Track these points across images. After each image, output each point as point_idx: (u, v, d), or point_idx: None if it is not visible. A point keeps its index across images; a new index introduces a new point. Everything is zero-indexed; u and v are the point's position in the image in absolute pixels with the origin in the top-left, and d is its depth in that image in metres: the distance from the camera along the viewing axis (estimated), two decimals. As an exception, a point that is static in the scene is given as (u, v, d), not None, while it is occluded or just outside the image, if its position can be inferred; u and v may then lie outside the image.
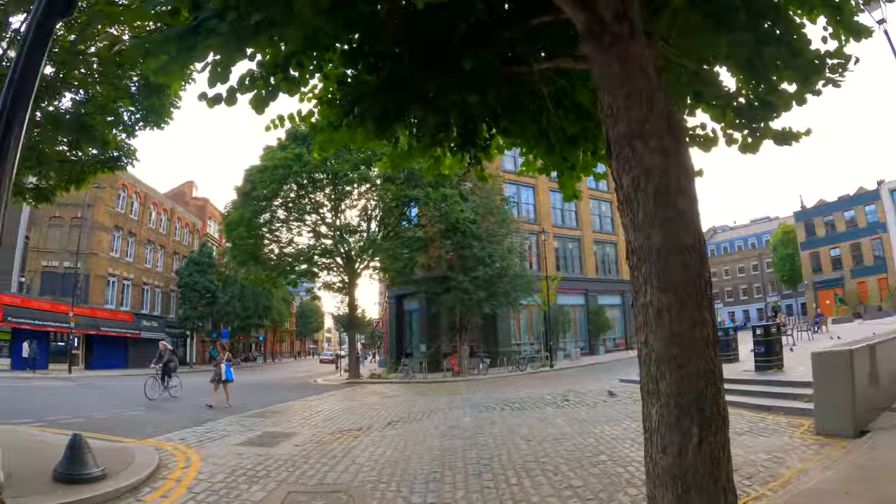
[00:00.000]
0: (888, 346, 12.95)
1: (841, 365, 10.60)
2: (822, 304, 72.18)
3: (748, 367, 19.13)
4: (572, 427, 14.17)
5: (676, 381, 4.00)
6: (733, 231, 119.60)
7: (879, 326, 35.37)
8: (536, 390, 24.46)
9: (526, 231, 48.08)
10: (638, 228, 4.20)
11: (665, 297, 4.02)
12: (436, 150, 6.80)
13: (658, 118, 4.26)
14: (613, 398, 19.50)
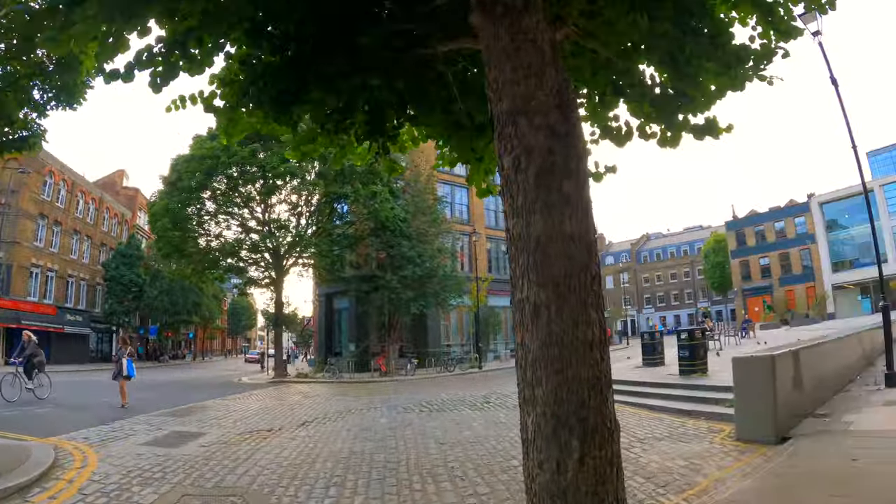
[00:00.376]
0: (812, 351, 12.84)
1: (762, 371, 10.37)
2: (751, 311, 74.49)
3: (673, 370, 19.08)
4: (488, 430, 13.83)
5: (554, 387, 3.58)
6: (666, 238, 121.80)
7: (805, 333, 36.12)
8: (460, 392, 24.17)
9: (458, 232, 48.07)
10: (517, 214, 3.77)
11: (543, 293, 3.62)
12: (342, 138, 6.28)
13: (547, 94, 3.86)
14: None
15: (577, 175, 3.81)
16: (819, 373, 12.78)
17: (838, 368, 14.37)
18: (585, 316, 3.62)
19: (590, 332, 3.61)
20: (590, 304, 3.66)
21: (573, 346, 3.56)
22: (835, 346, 14.85)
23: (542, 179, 3.71)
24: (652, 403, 15.35)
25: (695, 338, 18.43)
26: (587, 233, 3.77)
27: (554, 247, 3.63)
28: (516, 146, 3.81)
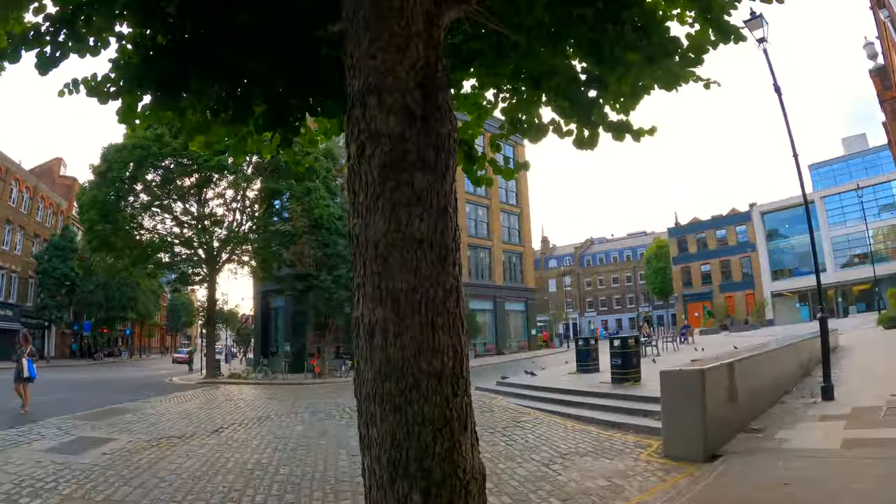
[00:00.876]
0: (748, 363, 12.33)
1: (691, 386, 9.88)
2: (691, 316, 75.42)
3: (607, 378, 18.54)
4: None
5: (392, 427, 2.93)
6: (610, 243, 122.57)
7: (743, 339, 37.16)
8: None
9: None
10: (357, 212, 3.14)
11: (381, 310, 2.97)
12: (240, 128, 5.66)
13: (408, 70, 3.24)
14: None
15: (436, 168, 3.19)
16: (754, 384, 12.32)
17: (774, 379, 13.93)
18: (433, 341, 2.99)
19: (438, 360, 2.99)
20: (440, 327, 3.03)
21: (415, 377, 2.93)
22: (771, 357, 14.39)
23: (388, 171, 3.10)
24: (580, 414, 14.84)
25: (628, 345, 18.01)
26: (442, 238, 3.17)
27: (396, 254, 3.02)
28: (363, 130, 3.21)
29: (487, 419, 15.32)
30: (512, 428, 13.95)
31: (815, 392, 13.46)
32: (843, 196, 67.11)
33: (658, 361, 24.34)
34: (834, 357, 19.70)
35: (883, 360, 18.16)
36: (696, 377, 9.89)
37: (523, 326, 64.69)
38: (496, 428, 14.03)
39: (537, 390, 19.37)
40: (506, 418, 15.47)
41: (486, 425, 14.19)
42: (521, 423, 14.66)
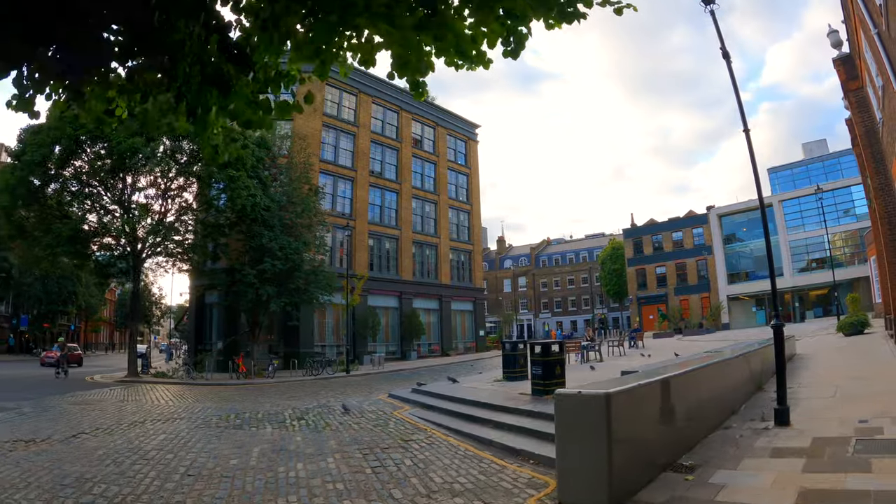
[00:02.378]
0: (687, 378, 9.79)
1: (592, 414, 7.21)
2: (646, 319, 75.59)
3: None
4: (262, 460, 10.97)
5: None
6: (567, 244, 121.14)
7: (695, 344, 36.16)
8: (292, 402, 21.09)
9: (339, 226, 45.70)
10: None
11: None
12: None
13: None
14: (347, 415, 16.50)
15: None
16: (693, 404, 9.82)
17: (719, 397, 11.25)
18: None
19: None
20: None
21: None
22: (716, 370, 11.65)
23: None
24: (481, 434, 12.28)
25: (550, 353, 15.36)
26: None
27: None
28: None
29: (374, 436, 12.97)
30: (394, 449, 11.46)
31: (768, 414, 10.71)
32: (803, 200, 66.55)
33: (598, 368, 22.46)
34: (791, 367, 17.30)
35: (846, 372, 15.63)
36: (598, 404, 7.18)
37: (471, 327, 62.39)
38: (375, 448, 11.58)
39: (448, 401, 16.86)
40: (395, 436, 12.98)
41: (368, 444, 11.98)
42: (408, 442, 12.14)
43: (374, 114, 54.95)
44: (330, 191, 48.62)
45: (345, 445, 11.94)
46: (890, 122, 15.44)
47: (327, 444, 12.25)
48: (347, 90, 52.35)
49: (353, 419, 15.69)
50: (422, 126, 60.27)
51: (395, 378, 31.04)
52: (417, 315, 53.22)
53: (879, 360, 17.11)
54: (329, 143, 49.61)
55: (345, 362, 38.02)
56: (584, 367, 23.46)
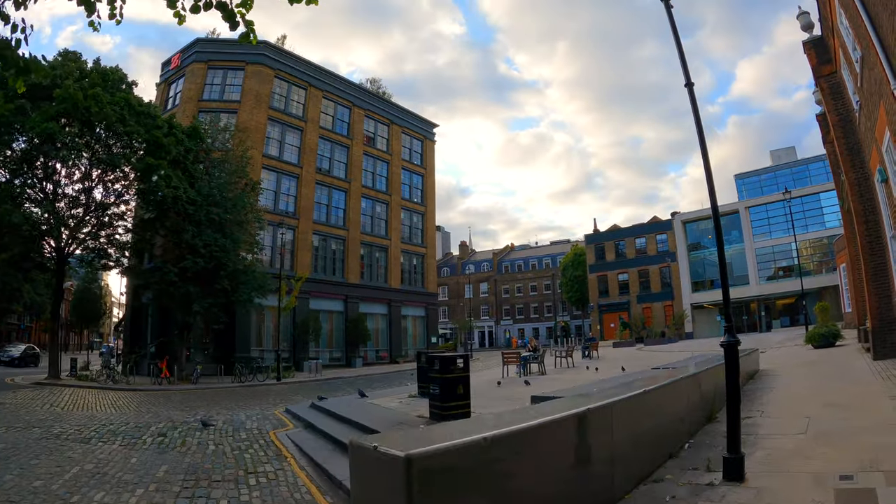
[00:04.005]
0: (612, 411, 6.96)
1: (389, 481, 4.24)
2: (607, 327, 75.35)
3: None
4: (69, 484, 9.12)
5: None
6: (531, 250, 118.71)
7: (656, 355, 34.41)
8: (183, 413, 18.95)
9: (274, 223, 43.02)
10: None
11: None
12: None
13: None
14: (207, 430, 14.74)
15: None
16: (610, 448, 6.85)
17: (653, 433, 8.13)
18: None
19: None
20: None
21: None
22: (658, 397, 8.48)
23: None
24: (336, 472, 9.63)
25: (450, 369, 12.70)
26: None
27: None
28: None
29: (219, 464, 10.77)
30: (224, 484, 9.29)
31: (716, 461, 7.61)
32: (770, 207, 65.76)
33: (534, 384, 19.62)
34: (752, 388, 14.58)
35: (819, 396, 12.53)
36: (395, 469, 4.11)
37: (423, 334, 59.95)
38: (204, 481, 9.45)
39: (335, 421, 14.41)
40: (242, 465, 10.68)
41: (200, 475, 9.88)
42: (250, 476, 9.85)
43: (325, 109, 52.80)
44: (273, 187, 46.61)
45: (173, 474, 9.83)
46: (869, 102, 13.32)
47: (157, 470, 10.14)
48: (297, 84, 50.40)
49: (216, 438, 13.58)
50: (375, 123, 58.12)
51: (325, 388, 28.43)
52: (364, 320, 50.82)
53: (857, 380, 14.26)
54: (274, 138, 47.45)
55: (277, 369, 35.65)
56: (518, 382, 20.72)
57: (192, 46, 47.98)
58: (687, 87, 9.05)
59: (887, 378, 13.57)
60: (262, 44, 48.27)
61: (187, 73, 46.96)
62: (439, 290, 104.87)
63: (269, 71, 48.08)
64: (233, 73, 47.29)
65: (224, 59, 47.35)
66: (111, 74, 33.68)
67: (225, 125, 40.43)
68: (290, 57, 50.80)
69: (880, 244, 17.20)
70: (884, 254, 16.96)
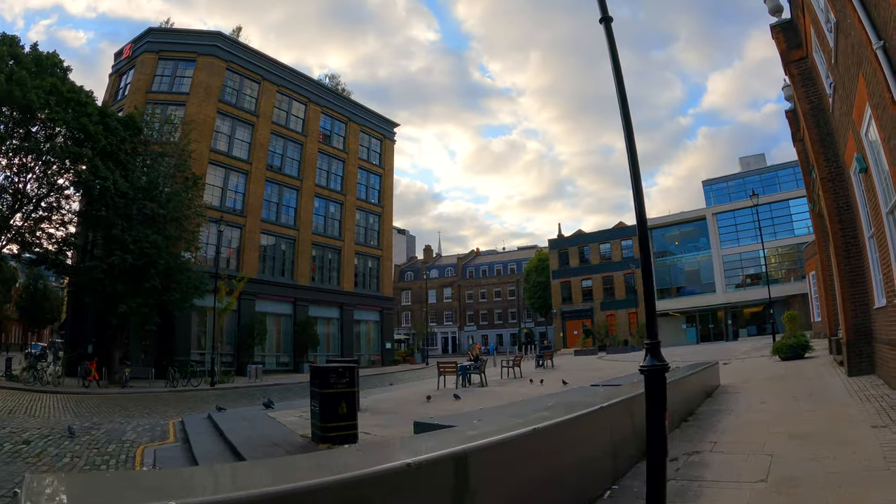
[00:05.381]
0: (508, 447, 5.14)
1: None
2: (570, 334, 74.30)
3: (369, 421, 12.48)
4: None
5: None
6: (496, 255, 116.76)
7: (615, 364, 33.42)
8: (81, 420, 17.29)
9: (214, 219, 40.15)
10: None
11: None
12: None
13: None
14: (73, 440, 13.12)
15: None
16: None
17: (556, 479, 5.84)
18: None
19: None
20: None
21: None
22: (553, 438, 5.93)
23: None
24: None
25: (331, 383, 10.87)
26: None
27: None
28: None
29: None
30: None
31: None
32: (738, 213, 65.06)
33: (466, 398, 17.54)
34: (709, 409, 12.46)
35: (785, 423, 9.88)
36: None
37: (377, 339, 57.58)
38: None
39: (217, 437, 12.85)
40: None
41: None
42: None
43: (279, 104, 50.97)
44: (220, 184, 44.64)
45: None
46: (845, 79, 11.73)
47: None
48: (250, 77, 48.67)
49: (79, 450, 12.05)
50: (332, 120, 56.36)
51: (255, 394, 26.87)
52: (313, 324, 48.98)
53: (831, 400, 12.08)
54: (223, 133, 45.54)
55: (210, 373, 33.83)
56: (450, 397, 18.52)
57: (145, 36, 46.20)
58: (602, 22, 6.97)
59: (866, 399, 11.39)
60: (216, 34, 46.28)
61: (137, 63, 45.12)
62: (402, 294, 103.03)
63: (220, 63, 46.17)
64: (184, 65, 45.53)
65: (176, 49, 45.63)
66: (45, 60, 32.00)
67: (168, 117, 38.60)
68: (244, 49, 49.06)
69: (857, 245, 15.33)
70: (861, 256, 15.10)
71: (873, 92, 8.99)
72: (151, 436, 14.26)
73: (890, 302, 11.22)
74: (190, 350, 39.39)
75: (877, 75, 8.27)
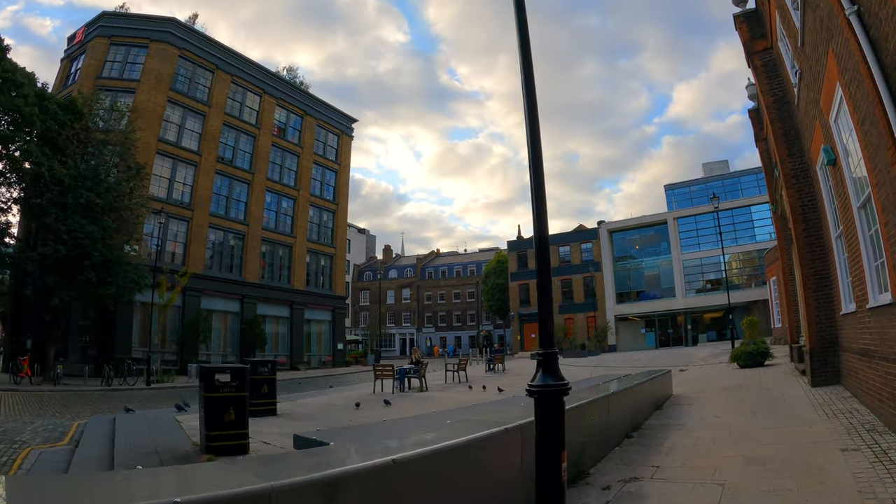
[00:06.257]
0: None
1: None
2: (528, 337, 73.18)
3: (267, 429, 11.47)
4: None
5: None
6: (456, 257, 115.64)
7: (569, 370, 29.62)
8: None
9: (155, 210, 37.85)
10: None
11: None
12: None
13: None
14: None
15: None
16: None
17: None
18: None
19: None
20: None
21: None
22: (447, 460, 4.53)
23: None
24: None
25: (216, 386, 9.70)
26: None
27: None
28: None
29: None
30: None
31: None
32: (700, 218, 64.65)
33: (398, 405, 16.29)
34: (656, 423, 11.21)
35: (742, 444, 8.15)
36: None
37: (329, 339, 56.19)
38: None
39: (105, 441, 11.58)
40: None
41: None
42: None
43: (233, 95, 49.57)
44: (168, 175, 43.01)
45: None
46: (812, 60, 10.79)
47: None
48: (204, 65, 47.38)
49: None
50: (288, 114, 55.10)
51: (188, 395, 24.22)
52: (261, 322, 47.23)
53: (793, 416, 10.78)
54: (173, 122, 44.08)
55: (147, 372, 32.07)
56: (374, 403, 17.31)
57: (98, 20, 44.50)
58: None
59: (833, 415, 10.17)
60: (170, 20, 44.87)
61: (89, 48, 43.33)
62: (361, 294, 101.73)
63: (173, 50, 44.67)
64: (136, 51, 43.82)
65: (129, 35, 43.85)
66: (-20, 39, 30.30)
67: (114, 104, 36.83)
68: (198, 37, 47.54)
69: (822, 247, 14.38)
70: (826, 259, 14.14)
71: (845, 67, 8.05)
72: (48, 437, 13.00)
73: (861, 307, 10.11)
74: (131, 347, 37.65)
75: (849, 46, 7.37)
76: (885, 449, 7.40)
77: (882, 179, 7.30)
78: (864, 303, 9.59)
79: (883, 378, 8.63)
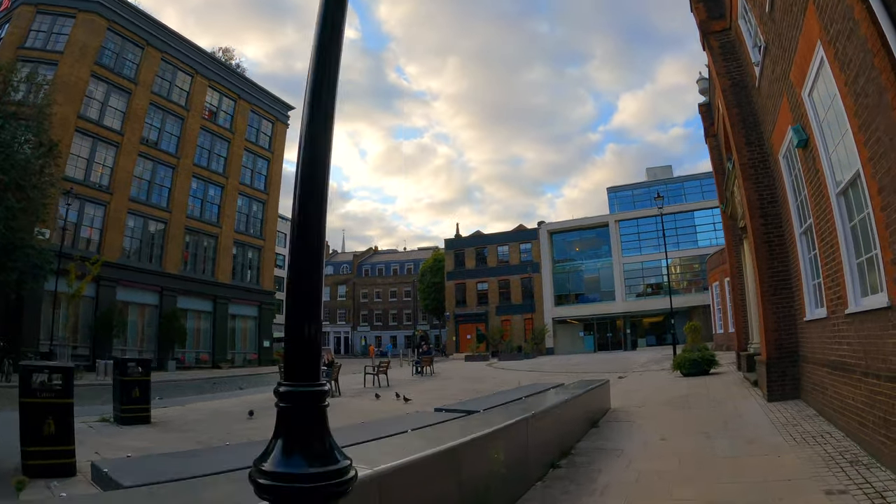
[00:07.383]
0: None
1: None
2: (463, 338, 71.78)
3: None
4: None
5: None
6: (394, 255, 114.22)
7: (500, 373, 31.44)
8: None
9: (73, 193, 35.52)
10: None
11: None
12: None
13: None
14: None
15: None
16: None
17: None
18: None
19: None
20: None
21: None
22: None
23: None
24: None
25: (33, 390, 7.80)
26: None
27: None
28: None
29: None
30: None
31: None
32: (642, 222, 64.74)
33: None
34: (588, 447, 9.36)
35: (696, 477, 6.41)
36: None
37: (255, 336, 53.88)
38: None
39: None
40: None
41: None
42: None
43: (162, 73, 47.14)
44: (86, 155, 40.23)
45: None
46: (782, 26, 9.38)
47: None
48: (134, 40, 44.72)
49: None
50: (220, 96, 52.67)
51: (87, 395, 21.90)
52: (181, 316, 44.58)
53: (754, 438, 8.86)
54: (96, 99, 41.43)
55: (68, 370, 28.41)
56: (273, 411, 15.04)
57: (26, -14, 41.24)
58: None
59: (802, 440, 8.35)
60: (100, -12, 42.14)
61: (14, 16, 40.31)
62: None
63: (102, 21, 42.00)
64: (62, 20, 40.85)
65: (56, 3, 40.75)
66: None
67: (29, 74, 34.33)
68: (129, 9, 44.67)
69: (783, 245, 12.87)
70: (787, 258, 12.58)
71: (830, 19, 6.58)
72: None
73: (835, 313, 8.42)
74: (38, 341, 34.69)
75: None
76: (881, 490, 5.55)
77: (879, 151, 5.61)
78: (841, 307, 7.92)
79: (867, 398, 6.88)
